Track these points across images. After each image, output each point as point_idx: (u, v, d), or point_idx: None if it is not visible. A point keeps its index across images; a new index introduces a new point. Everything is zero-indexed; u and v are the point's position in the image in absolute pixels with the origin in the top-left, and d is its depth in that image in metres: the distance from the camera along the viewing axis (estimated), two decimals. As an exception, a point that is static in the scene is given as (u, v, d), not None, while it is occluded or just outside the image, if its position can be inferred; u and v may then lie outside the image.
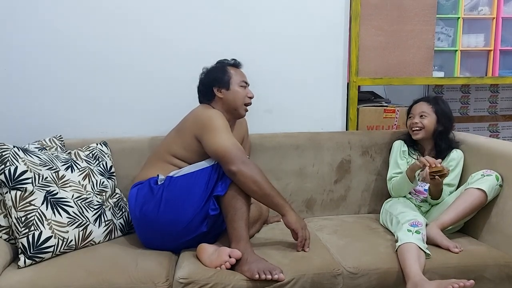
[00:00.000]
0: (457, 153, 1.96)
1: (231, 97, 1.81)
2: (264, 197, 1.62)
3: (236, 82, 1.82)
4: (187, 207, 1.62)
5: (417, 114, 1.99)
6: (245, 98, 1.84)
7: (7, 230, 1.60)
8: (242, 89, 1.83)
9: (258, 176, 1.60)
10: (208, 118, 1.72)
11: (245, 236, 1.58)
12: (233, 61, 1.89)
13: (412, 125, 2.00)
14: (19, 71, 2.07)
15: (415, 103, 2.06)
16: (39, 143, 1.84)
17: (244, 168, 1.58)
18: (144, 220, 1.66)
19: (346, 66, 2.30)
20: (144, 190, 1.68)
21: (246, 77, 1.88)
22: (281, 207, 1.64)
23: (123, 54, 2.12)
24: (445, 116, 1.99)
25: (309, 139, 2.15)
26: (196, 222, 1.63)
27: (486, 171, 1.77)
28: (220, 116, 1.74)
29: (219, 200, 1.62)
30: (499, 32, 2.48)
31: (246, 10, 2.18)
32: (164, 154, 1.78)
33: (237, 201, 1.59)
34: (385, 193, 2.12)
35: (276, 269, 1.47)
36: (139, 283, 1.45)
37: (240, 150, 1.64)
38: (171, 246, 1.69)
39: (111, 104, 2.15)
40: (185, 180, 1.65)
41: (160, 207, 1.62)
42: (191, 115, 1.81)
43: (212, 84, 1.82)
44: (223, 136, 1.66)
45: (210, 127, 1.68)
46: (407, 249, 1.59)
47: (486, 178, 1.74)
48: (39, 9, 2.04)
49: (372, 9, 2.27)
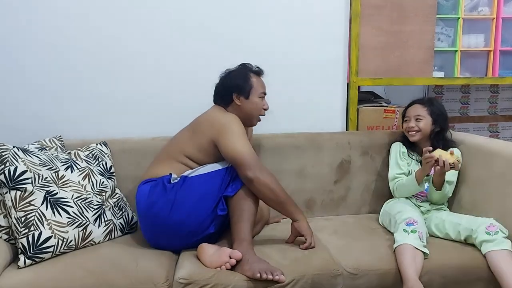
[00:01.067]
0: (455, 151, 1.96)
1: (248, 107, 1.81)
2: (279, 204, 1.67)
3: (256, 93, 1.81)
4: (200, 208, 1.63)
5: (413, 117, 2.00)
6: (261, 110, 1.84)
7: (7, 230, 1.60)
8: (260, 100, 1.82)
9: (274, 184, 1.63)
10: (226, 123, 1.72)
11: (248, 238, 1.59)
12: (257, 69, 1.87)
13: (408, 129, 2.00)
14: (19, 71, 2.07)
15: (409, 106, 2.06)
16: (39, 143, 1.84)
17: (260, 176, 1.60)
18: (153, 218, 1.65)
19: (346, 66, 2.30)
20: (158, 188, 1.67)
21: (265, 87, 1.87)
22: (294, 213, 1.69)
23: (123, 54, 2.12)
24: (441, 116, 2.00)
25: (309, 139, 2.15)
26: (206, 224, 1.64)
27: (489, 226, 1.65)
28: (238, 121, 1.74)
29: (227, 201, 1.63)
30: (499, 32, 2.48)
31: (246, 11, 2.18)
32: (177, 153, 1.77)
33: (245, 203, 1.62)
34: (385, 193, 2.12)
35: (277, 270, 1.47)
36: (139, 284, 1.45)
37: (256, 157, 1.66)
38: (176, 245, 1.69)
39: (111, 104, 2.15)
40: (199, 181, 1.65)
41: (173, 206, 1.62)
42: (207, 118, 1.80)
43: (232, 89, 1.80)
44: (240, 142, 1.67)
45: (228, 132, 1.69)
46: (402, 251, 1.59)
47: (494, 237, 1.62)
48: (39, 9, 2.04)
49: (372, 9, 2.27)
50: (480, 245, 1.64)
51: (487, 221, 1.67)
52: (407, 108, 2.07)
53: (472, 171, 1.93)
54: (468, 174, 1.95)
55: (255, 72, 1.85)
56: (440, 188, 1.87)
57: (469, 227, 1.69)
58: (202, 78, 2.04)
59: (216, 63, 1.92)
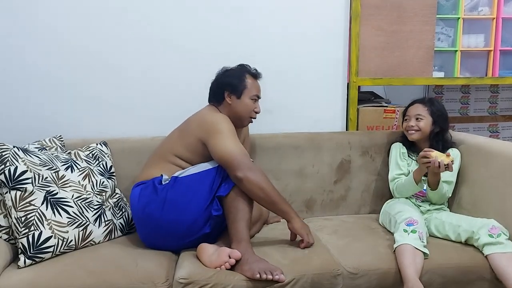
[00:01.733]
0: (453, 151, 1.96)
1: (238, 107, 1.80)
2: (270, 204, 1.65)
3: (249, 94, 1.80)
4: (191, 207, 1.62)
5: (413, 116, 1.99)
6: (252, 112, 1.83)
7: (7, 230, 1.60)
8: (251, 102, 1.81)
9: (264, 183, 1.61)
10: (214, 122, 1.71)
11: (246, 237, 1.58)
12: (254, 71, 1.86)
13: (408, 128, 2.00)
14: (19, 71, 2.07)
15: (410, 105, 2.06)
16: (39, 143, 1.84)
17: (250, 175, 1.59)
18: (147, 219, 1.65)
19: (346, 66, 2.30)
20: (148, 189, 1.67)
21: (260, 90, 1.86)
22: (286, 213, 1.67)
23: (123, 54, 2.12)
24: (441, 117, 1.99)
25: (309, 139, 2.15)
26: (199, 223, 1.63)
27: (491, 229, 1.63)
28: (227, 120, 1.73)
29: (222, 201, 1.63)
30: (499, 32, 2.48)
31: (246, 11, 2.18)
32: (167, 154, 1.77)
33: (239, 202, 1.60)
34: (385, 193, 2.13)
35: (277, 269, 1.47)
36: (139, 283, 1.45)
37: (246, 156, 1.64)
38: (172, 246, 1.69)
39: (111, 104, 2.15)
40: (190, 181, 1.65)
41: (164, 207, 1.62)
42: (196, 117, 1.80)
43: (225, 87, 1.80)
44: (229, 141, 1.65)
45: (216, 132, 1.68)
46: (402, 251, 1.59)
47: (498, 240, 1.61)
48: (39, 9, 2.04)
49: (372, 9, 2.27)
50: (482, 247, 1.63)
51: (488, 223, 1.66)
52: (408, 108, 2.07)
53: (472, 171, 1.93)
54: (468, 174, 1.94)
55: (252, 74, 1.84)
56: (435, 188, 1.87)
57: (470, 229, 1.69)
58: (203, 78, 2.04)
59: (217, 63, 1.92)
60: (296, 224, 1.67)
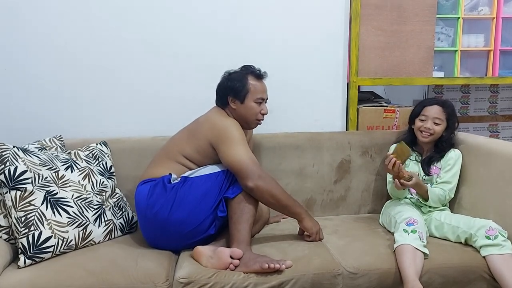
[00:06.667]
0: (454, 152, 1.95)
1: (243, 111, 1.78)
2: (282, 208, 1.69)
3: (253, 97, 1.76)
4: (200, 208, 1.63)
5: (431, 118, 1.92)
6: (258, 115, 1.79)
7: (7, 230, 1.60)
8: (256, 105, 1.78)
9: (275, 189, 1.64)
10: (225, 129, 1.70)
11: (247, 239, 1.59)
12: (258, 71, 1.81)
13: (424, 129, 1.94)
14: (19, 71, 2.07)
15: (429, 105, 1.96)
16: (39, 143, 1.84)
17: (261, 183, 1.60)
18: (153, 218, 1.65)
19: (346, 66, 2.30)
20: (158, 187, 1.67)
21: (265, 91, 1.81)
22: (298, 214, 1.73)
23: (123, 54, 2.12)
24: (454, 122, 1.97)
25: (309, 139, 2.15)
26: (205, 224, 1.64)
27: (488, 230, 1.64)
28: (237, 127, 1.73)
29: (227, 202, 1.63)
30: (499, 32, 2.48)
31: (246, 11, 2.18)
32: (176, 154, 1.77)
33: (245, 205, 1.62)
34: (385, 193, 2.13)
35: (280, 260, 1.50)
36: (139, 283, 1.45)
37: (255, 164, 1.65)
38: (175, 246, 1.69)
39: (111, 104, 2.15)
40: (200, 182, 1.65)
41: (173, 206, 1.62)
42: (207, 120, 1.78)
43: (228, 92, 1.77)
44: (239, 148, 1.65)
45: (226, 138, 1.68)
46: (402, 252, 1.59)
47: (494, 242, 1.61)
48: (39, 9, 2.04)
49: (372, 9, 2.27)
50: (480, 248, 1.64)
51: (485, 224, 1.66)
52: (426, 107, 1.96)
53: (472, 171, 1.93)
54: (468, 174, 1.94)
55: (256, 75, 1.80)
56: (425, 198, 1.87)
57: (468, 231, 1.69)
58: (203, 78, 2.05)
59: (217, 62, 1.92)
60: (307, 224, 1.73)
